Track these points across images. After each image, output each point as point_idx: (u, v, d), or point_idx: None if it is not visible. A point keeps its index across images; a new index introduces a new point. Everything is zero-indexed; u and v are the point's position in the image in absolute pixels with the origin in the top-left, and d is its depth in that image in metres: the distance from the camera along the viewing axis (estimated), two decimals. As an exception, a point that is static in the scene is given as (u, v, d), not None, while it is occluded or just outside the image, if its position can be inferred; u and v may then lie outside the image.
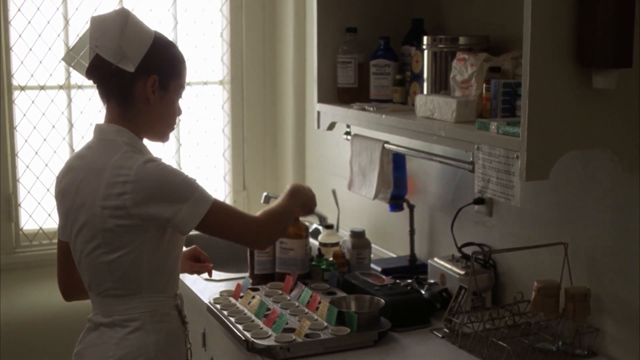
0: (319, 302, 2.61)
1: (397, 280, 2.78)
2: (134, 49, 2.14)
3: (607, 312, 2.30)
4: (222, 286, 2.94)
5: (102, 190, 2.11)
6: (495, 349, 2.26)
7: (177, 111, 2.29)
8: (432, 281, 2.78)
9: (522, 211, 2.56)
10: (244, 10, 4.06)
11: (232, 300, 2.77)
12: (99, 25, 2.16)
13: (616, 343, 2.28)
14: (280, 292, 2.83)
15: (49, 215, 3.73)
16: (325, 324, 2.50)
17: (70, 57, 2.25)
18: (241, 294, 2.78)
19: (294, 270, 2.93)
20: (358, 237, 3.07)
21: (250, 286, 2.84)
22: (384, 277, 2.82)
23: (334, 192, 3.48)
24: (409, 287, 2.74)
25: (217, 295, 2.81)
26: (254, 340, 2.39)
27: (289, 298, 2.77)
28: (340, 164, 3.52)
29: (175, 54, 2.25)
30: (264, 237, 2.34)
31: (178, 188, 2.12)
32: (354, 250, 3.05)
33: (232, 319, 2.58)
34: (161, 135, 2.30)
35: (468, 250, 2.74)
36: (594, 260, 2.33)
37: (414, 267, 3.05)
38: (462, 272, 2.65)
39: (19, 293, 2.09)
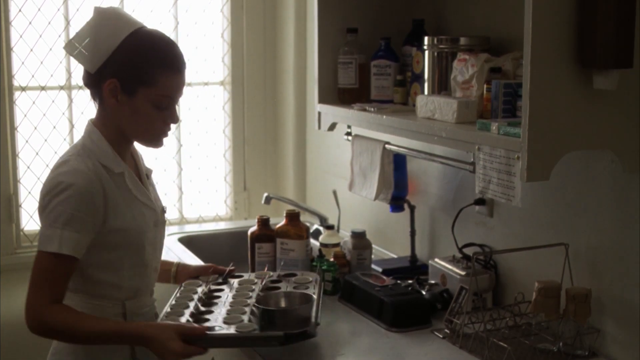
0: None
1: (398, 281, 2.78)
2: (97, 49, 2.14)
3: (608, 313, 2.30)
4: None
5: None
6: (496, 350, 2.26)
7: (154, 119, 2.17)
8: (432, 282, 2.78)
9: (523, 212, 2.56)
10: (245, 10, 4.06)
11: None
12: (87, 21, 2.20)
13: (617, 344, 2.27)
14: (255, 281, 2.64)
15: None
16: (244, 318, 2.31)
17: (72, 46, 2.20)
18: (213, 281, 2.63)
19: (294, 271, 2.93)
20: (359, 237, 3.07)
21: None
22: (384, 277, 2.82)
23: (334, 193, 3.48)
24: (409, 288, 2.73)
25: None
26: None
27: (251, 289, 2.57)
28: (341, 165, 3.52)
29: (149, 59, 2.13)
30: (35, 326, 2.09)
31: (47, 211, 2.10)
32: (354, 251, 3.05)
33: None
34: (144, 141, 2.25)
35: (469, 251, 2.74)
36: (595, 261, 2.33)
37: (414, 268, 3.05)
38: (462, 273, 2.65)
39: (19, 294, 2.09)
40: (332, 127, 3.09)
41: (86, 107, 3.77)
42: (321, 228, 3.39)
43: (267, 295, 2.46)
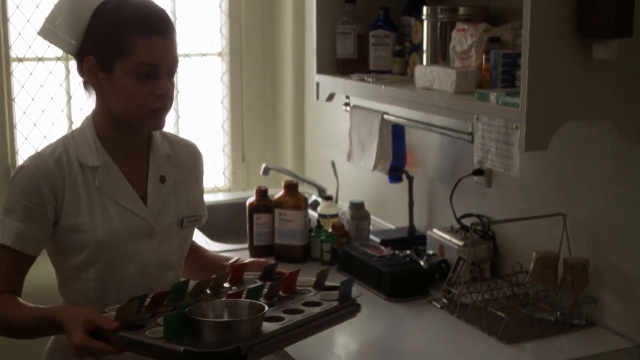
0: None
1: (396, 252, 2.78)
2: (69, 28, 1.94)
3: (606, 283, 2.30)
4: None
5: None
6: (494, 320, 2.27)
7: (138, 93, 1.89)
8: (431, 252, 2.78)
9: (521, 182, 2.56)
10: (243, -19, 4.04)
11: None
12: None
13: (614, 313, 2.28)
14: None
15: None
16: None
17: (46, 30, 1.98)
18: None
19: (292, 241, 2.95)
20: (357, 208, 3.07)
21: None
22: (382, 248, 2.82)
23: (333, 164, 3.48)
24: (407, 258, 2.74)
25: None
26: None
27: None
28: (340, 136, 3.51)
29: (119, 27, 1.88)
30: None
31: (7, 199, 1.93)
32: (353, 222, 3.05)
33: None
34: (137, 120, 1.94)
35: (467, 222, 2.74)
36: (593, 231, 2.33)
37: (413, 238, 3.06)
38: (461, 243, 2.66)
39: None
40: (330, 97, 3.08)
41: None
42: (319, 199, 3.39)
43: (210, 304, 1.82)
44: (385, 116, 3.01)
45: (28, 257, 1.94)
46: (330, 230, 3.00)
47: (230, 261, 2.20)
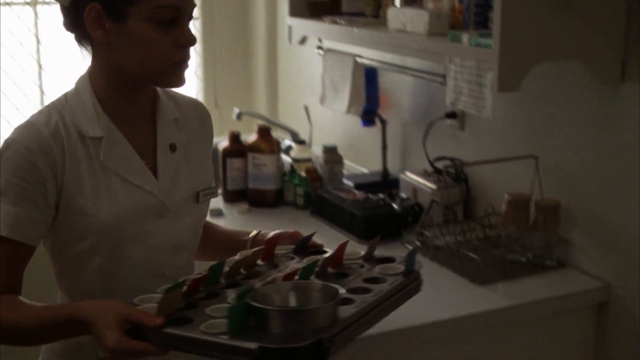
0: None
1: (370, 195, 2.78)
2: None
3: (577, 224, 2.32)
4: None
5: None
6: (466, 261, 2.28)
7: (159, 43, 1.59)
8: (404, 195, 2.79)
9: (494, 125, 2.56)
10: None
11: None
12: None
13: (585, 254, 2.30)
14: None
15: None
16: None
17: None
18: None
19: (266, 186, 2.94)
20: (330, 152, 3.07)
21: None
22: (356, 192, 2.82)
23: (306, 108, 3.46)
24: (381, 202, 2.74)
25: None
26: None
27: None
28: (313, 80, 3.49)
29: None
30: None
31: None
32: (326, 166, 3.05)
33: None
34: (156, 77, 1.64)
35: (440, 165, 2.74)
36: (565, 173, 2.34)
37: (386, 182, 3.06)
38: (434, 186, 2.66)
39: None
40: (303, 40, 3.05)
41: (53, 24, 3.70)
42: (293, 143, 3.38)
43: (272, 288, 1.54)
44: (358, 59, 2.99)
45: (27, 248, 1.61)
46: (303, 174, 3.00)
47: (251, 235, 1.90)
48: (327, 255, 1.71)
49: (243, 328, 1.40)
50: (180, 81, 1.65)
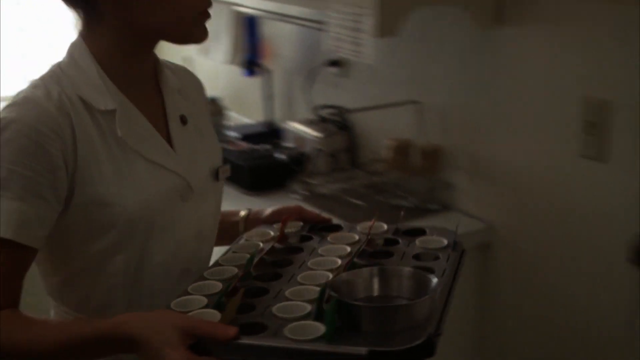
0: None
1: (255, 146, 2.76)
2: None
3: (459, 168, 2.35)
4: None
5: None
6: (352, 208, 2.29)
7: None
8: (289, 145, 2.77)
9: (377, 72, 2.56)
10: None
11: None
12: None
13: (468, 196, 2.34)
14: (355, 238, 1.49)
15: None
16: (308, 310, 1.22)
17: None
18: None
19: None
20: (213, 104, 3.02)
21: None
22: (241, 143, 2.79)
23: (187, 60, 3.40)
24: (266, 152, 2.72)
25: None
26: None
27: (346, 251, 1.43)
28: (194, 30, 3.42)
29: None
30: None
31: None
32: (210, 118, 3.00)
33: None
34: (174, 32, 1.37)
35: (324, 113, 2.74)
36: (446, 118, 2.36)
37: (271, 132, 3.04)
38: (318, 135, 2.65)
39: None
40: (181, -10, 2.98)
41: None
42: (176, 96, 3.31)
43: (353, 275, 1.29)
44: (238, 8, 2.94)
45: (32, 251, 1.30)
46: (187, 127, 2.94)
47: (242, 215, 1.66)
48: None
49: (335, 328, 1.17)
50: (205, 34, 1.38)
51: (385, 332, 1.18)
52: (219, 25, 3.02)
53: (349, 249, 1.42)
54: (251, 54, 3.04)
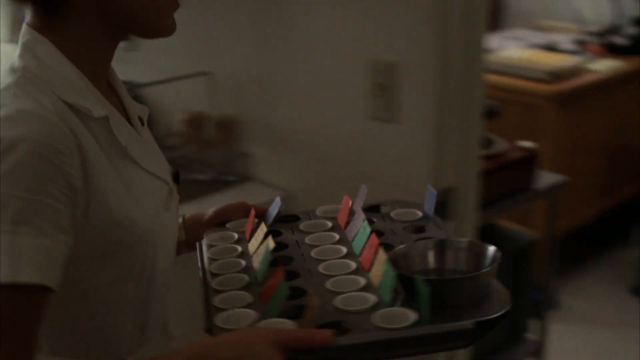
0: (376, 253, 1.22)
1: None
2: None
3: (255, 138, 2.33)
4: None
5: None
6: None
7: None
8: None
9: (168, 44, 2.47)
10: None
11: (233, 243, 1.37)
12: None
13: (265, 166, 2.33)
14: (329, 225, 1.39)
15: None
16: (374, 299, 1.13)
17: None
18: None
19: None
20: None
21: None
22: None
23: None
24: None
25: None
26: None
27: (336, 238, 1.33)
28: None
29: None
30: None
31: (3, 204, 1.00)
32: None
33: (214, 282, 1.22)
34: (147, 24, 1.19)
35: (116, 89, 2.65)
36: (239, 87, 2.34)
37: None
38: (110, 112, 2.57)
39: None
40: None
41: None
42: None
43: (408, 249, 1.24)
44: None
45: (53, 295, 1.03)
46: None
47: (187, 217, 1.47)
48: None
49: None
50: (174, 27, 1.23)
51: (471, 303, 1.12)
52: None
53: (337, 236, 1.33)
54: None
